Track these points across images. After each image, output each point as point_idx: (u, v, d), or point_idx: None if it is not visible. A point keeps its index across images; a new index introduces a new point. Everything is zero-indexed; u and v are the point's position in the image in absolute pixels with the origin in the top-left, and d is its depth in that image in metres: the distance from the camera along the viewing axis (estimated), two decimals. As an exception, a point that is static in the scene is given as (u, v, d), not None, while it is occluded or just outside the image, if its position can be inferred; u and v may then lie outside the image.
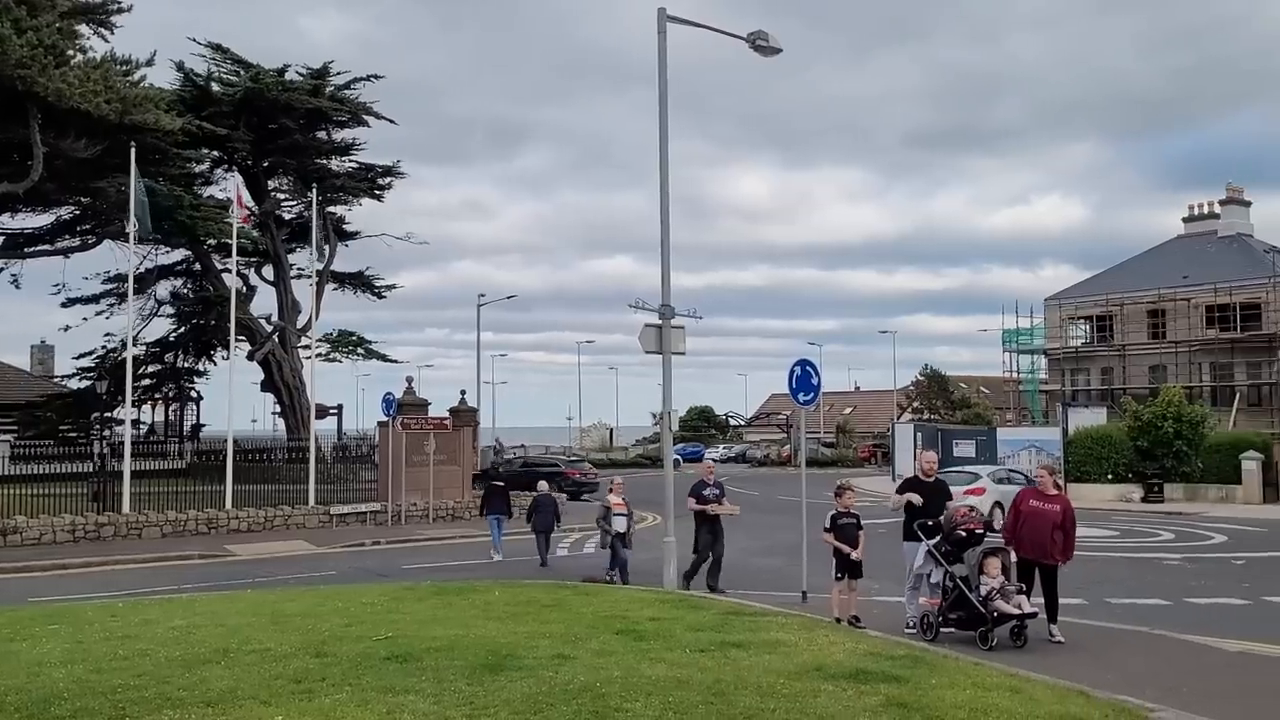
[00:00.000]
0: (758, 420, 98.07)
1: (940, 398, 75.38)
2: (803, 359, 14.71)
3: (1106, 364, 58.70)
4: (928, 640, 10.42)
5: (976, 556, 10.73)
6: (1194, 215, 61.92)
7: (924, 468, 11.93)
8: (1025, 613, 10.37)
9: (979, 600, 10.38)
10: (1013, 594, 10.46)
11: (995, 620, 10.30)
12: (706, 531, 15.32)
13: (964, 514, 11.08)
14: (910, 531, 11.46)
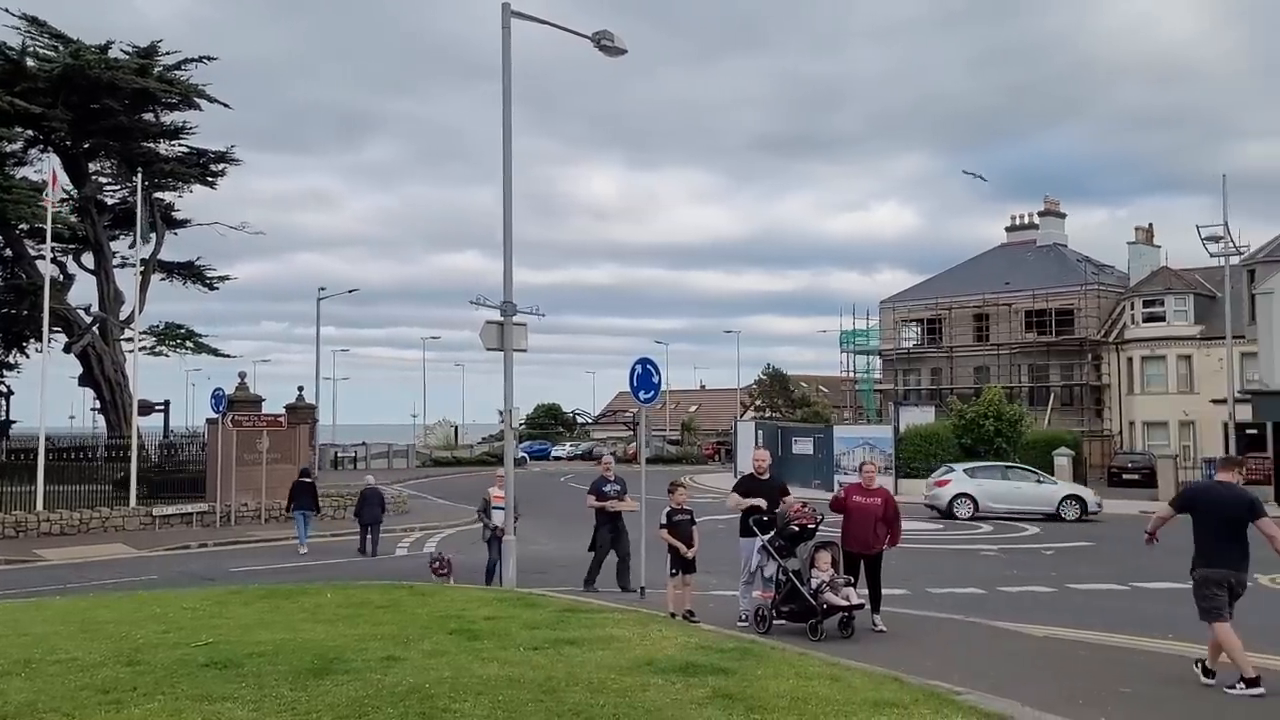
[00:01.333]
0: (604, 418, 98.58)
1: (782, 396, 77.50)
2: (644, 357, 14.86)
3: (936, 365, 61.57)
4: (761, 632, 10.68)
5: (808, 550, 11.03)
6: (1016, 225, 65.66)
7: (756, 466, 12.18)
8: (852, 604, 10.72)
9: (809, 593, 10.68)
10: (841, 586, 10.80)
11: (824, 612, 10.62)
12: (607, 530, 15.03)
13: (797, 509, 11.38)
14: (747, 528, 11.71)
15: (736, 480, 12.55)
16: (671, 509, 12.19)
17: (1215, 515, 8.52)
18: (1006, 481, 30.38)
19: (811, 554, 11.00)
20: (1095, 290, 56.39)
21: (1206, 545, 8.58)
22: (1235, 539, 8.46)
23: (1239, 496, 8.64)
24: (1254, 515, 8.44)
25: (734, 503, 11.92)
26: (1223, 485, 8.86)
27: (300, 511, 22.98)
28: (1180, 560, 18.43)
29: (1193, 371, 50.70)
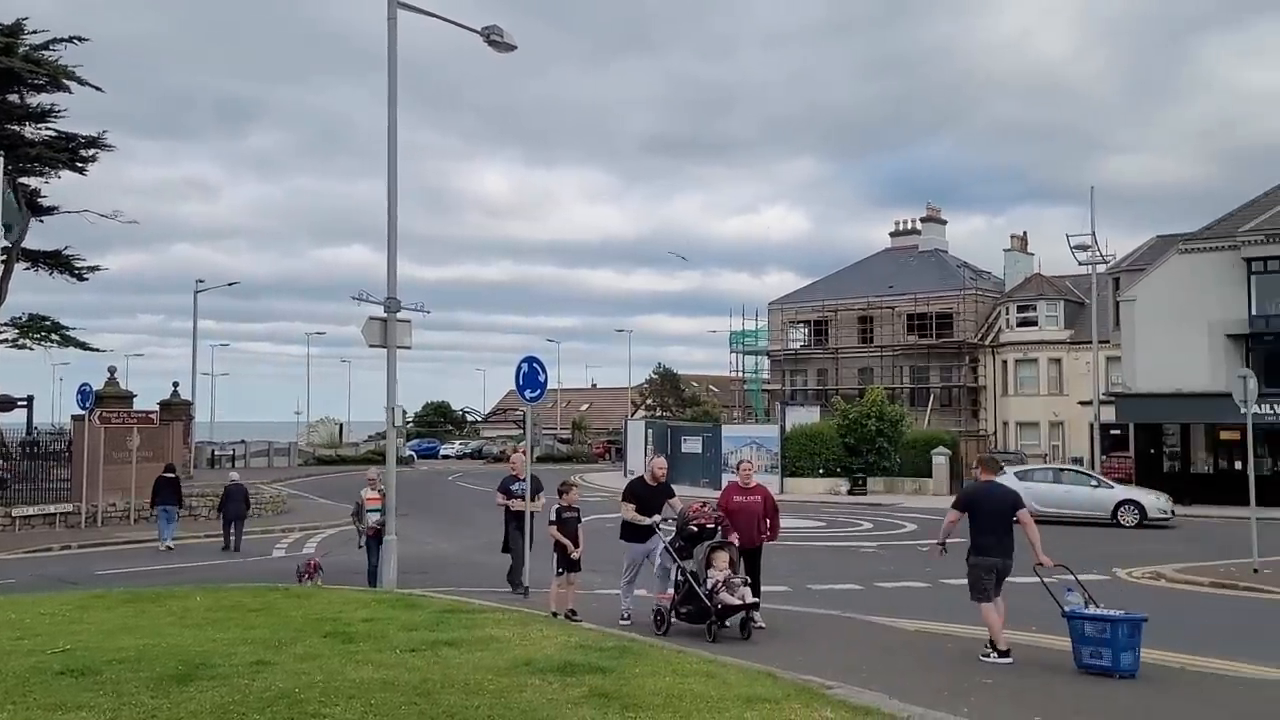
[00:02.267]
0: (495, 416, 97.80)
1: (672, 396, 78.09)
2: (530, 356, 14.79)
3: (822, 366, 62.87)
4: (659, 633, 10.58)
5: (704, 550, 10.96)
6: (899, 230, 67.53)
7: (654, 472, 12.10)
8: (748, 603, 10.64)
9: (705, 594, 10.59)
10: (738, 586, 10.70)
11: (719, 613, 10.49)
12: (515, 529, 14.68)
13: (696, 510, 11.34)
14: (629, 530, 11.70)
15: (628, 483, 12.46)
16: (560, 506, 12.13)
17: (988, 511, 9.90)
18: (1058, 485, 28.42)
19: (707, 553, 10.90)
20: (973, 295, 58.41)
21: (980, 538, 9.93)
22: (1004, 531, 9.91)
23: (1006, 494, 10.15)
24: (1016, 509, 9.99)
25: (630, 515, 11.67)
26: (993, 485, 10.20)
27: (163, 507, 22.84)
28: (1050, 555, 19.14)
29: (1062, 374, 52.93)
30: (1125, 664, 8.94)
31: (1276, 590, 15.20)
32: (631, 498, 11.82)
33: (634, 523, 11.62)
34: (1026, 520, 9.97)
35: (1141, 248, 45.34)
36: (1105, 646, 8.99)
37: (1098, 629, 9.10)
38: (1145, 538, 24.83)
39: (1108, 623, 9.05)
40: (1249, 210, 36.07)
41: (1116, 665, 8.92)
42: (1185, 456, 37.23)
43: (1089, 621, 9.19)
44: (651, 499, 11.85)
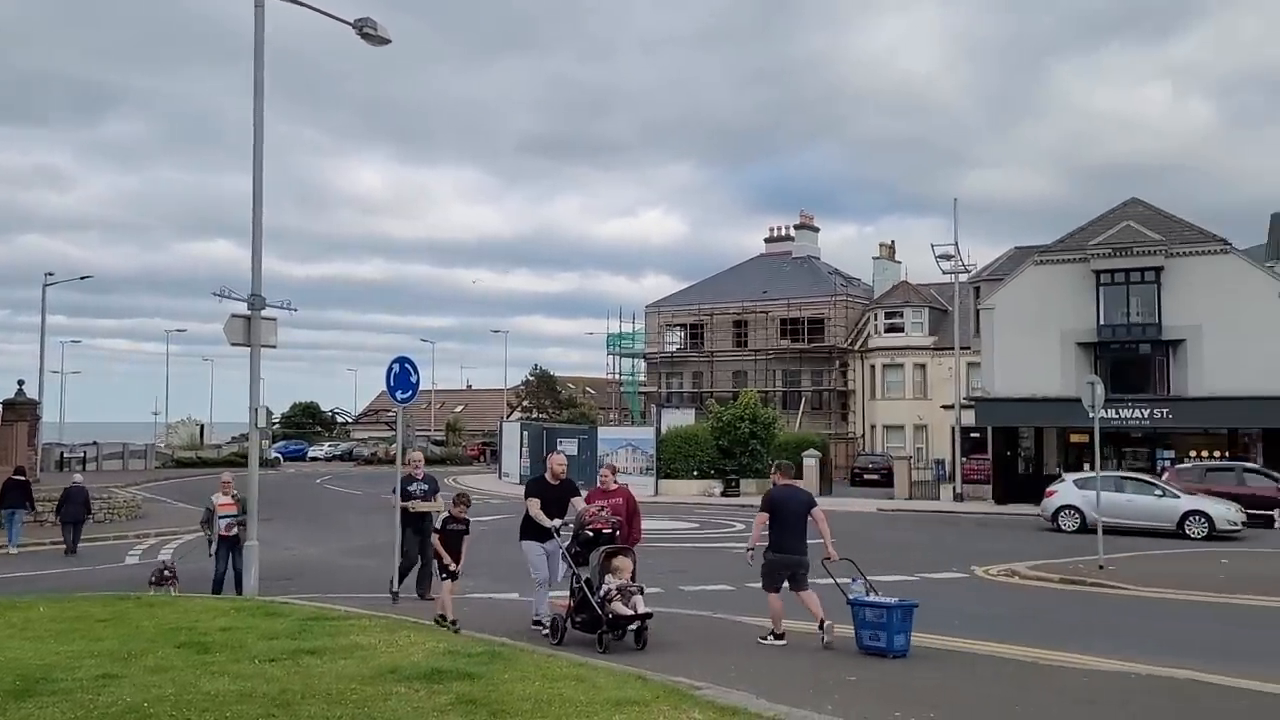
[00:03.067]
0: (366, 417, 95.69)
1: (549, 397, 77.80)
2: (402, 356, 14.49)
3: (698, 369, 63.63)
4: (554, 643, 10.23)
5: (599, 556, 10.61)
6: (773, 237, 68.93)
7: (554, 470, 11.75)
8: (641, 613, 10.22)
9: (597, 602, 10.23)
10: (633, 594, 10.34)
11: (611, 622, 10.10)
12: (413, 532, 14.13)
13: (593, 514, 10.95)
14: (529, 529, 11.36)
15: (528, 483, 12.08)
16: (447, 517, 11.72)
17: (788, 512, 10.76)
18: (1120, 494, 26.15)
19: (602, 560, 10.55)
20: (844, 301, 60.05)
21: (779, 536, 10.82)
22: (800, 531, 10.79)
23: (803, 496, 11.06)
24: (810, 508, 10.88)
25: (534, 512, 11.28)
26: (791, 488, 11.09)
27: (10, 510, 22.30)
28: (908, 554, 19.71)
29: (927, 379, 54.86)
30: (898, 645, 9.87)
31: (1118, 585, 16.03)
32: (535, 495, 11.44)
33: (538, 522, 11.20)
34: (820, 518, 10.93)
35: (1001, 258, 47.34)
36: (882, 630, 9.93)
37: (876, 614, 10.02)
38: (999, 536, 25.90)
39: (885, 609, 9.99)
40: (1098, 225, 38.05)
41: (890, 646, 9.83)
42: (1039, 458, 39.04)
43: (869, 608, 10.13)
44: (555, 498, 11.44)
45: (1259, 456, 34.16)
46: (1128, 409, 34.58)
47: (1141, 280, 36.11)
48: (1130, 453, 37.19)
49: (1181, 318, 35.21)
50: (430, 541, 13.89)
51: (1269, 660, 10.16)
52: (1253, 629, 12.69)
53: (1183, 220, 37.50)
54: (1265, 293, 34.73)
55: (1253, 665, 9.66)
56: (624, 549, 10.83)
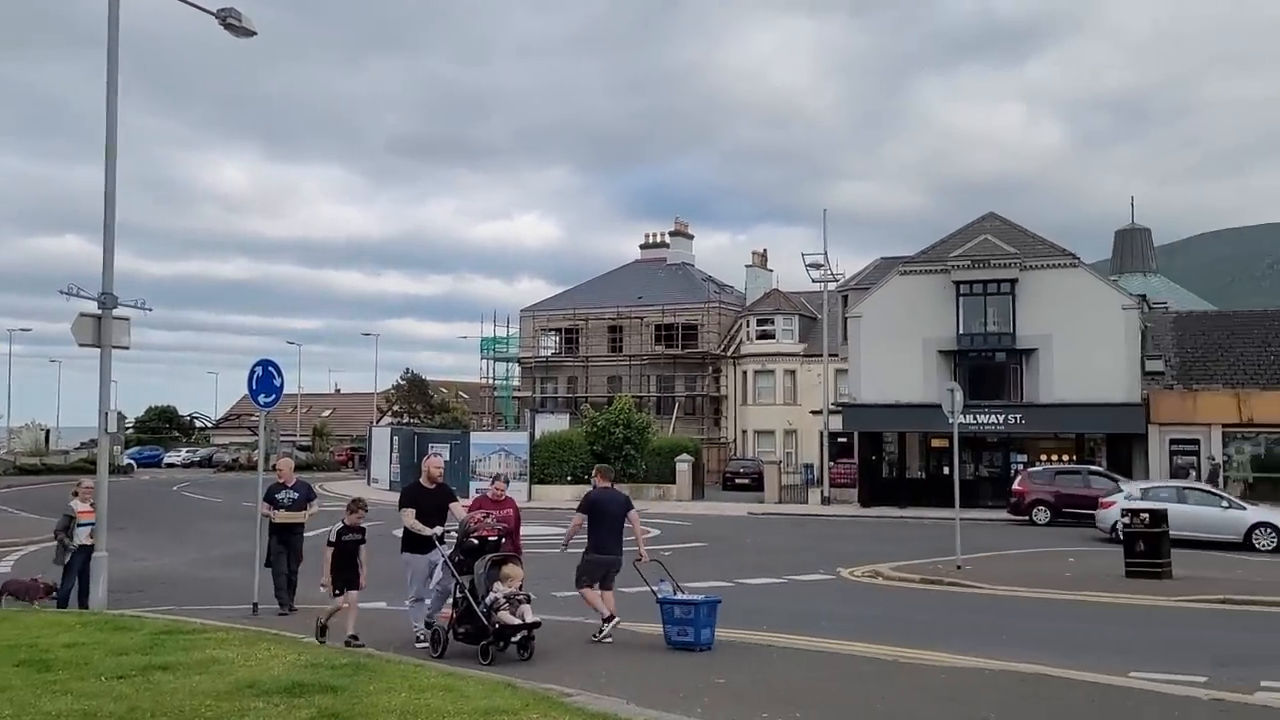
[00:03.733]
0: (227, 422, 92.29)
1: (420, 402, 76.54)
2: (264, 359, 14.02)
3: (573, 373, 63.54)
4: (435, 656, 9.89)
5: (485, 565, 10.26)
6: (649, 243, 69.40)
7: (430, 473, 11.36)
8: (529, 622, 9.94)
9: (483, 612, 9.87)
10: (520, 603, 10.09)
11: (497, 633, 9.77)
12: (278, 543, 13.39)
13: (478, 520, 10.63)
14: (410, 541, 10.92)
15: (404, 488, 11.66)
16: (343, 527, 10.96)
17: (607, 514, 11.13)
18: (1184, 505, 24.81)
19: (488, 568, 10.20)
20: (717, 308, 60.89)
21: (598, 537, 11.24)
22: (618, 533, 11.21)
23: (619, 498, 11.49)
24: (627, 511, 11.33)
25: (409, 522, 10.86)
26: (610, 491, 11.52)
27: None
28: (777, 557, 20.03)
29: (796, 385, 56.08)
30: (704, 639, 10.34)
31: (974, 584, 16.66)
32: (410, 503, 10.96)
33: (416, 532, 10.73)
34: (634, 520, 11.52)
35: (868, 268, 48.80)
36: (690, 625, 10.33)
37: (684, 611, 10.45)
38: (862, 537, 26.60)
39: (692, 605, 10.42)
40: (958, 238, 39.61)
41: (698, 640, 10.28)
42: (902, 462, 40.37)
43: (677, 606, 10.52)
44: (433, 506, 11.01)
45: (1103, 459, 36.11)
46: (985, 414, 36.06)
47: (998, 291, 37.73)
48: (986, 456, 38.85)
49: (1034, 328, 36.93)
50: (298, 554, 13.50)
51: (1108, 653, 10.70)
52: (1095, 624, 13.36)
53: (1036, 235, 39.38)
54: (1110, 305, 36.73)
55: (1093, 658, 10.17)
56: (513, 556, 10.53)
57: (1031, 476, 32.47)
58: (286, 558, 13.46)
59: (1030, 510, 30.90)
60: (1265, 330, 38.93)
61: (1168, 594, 15.35)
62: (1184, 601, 14.74)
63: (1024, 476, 32.77)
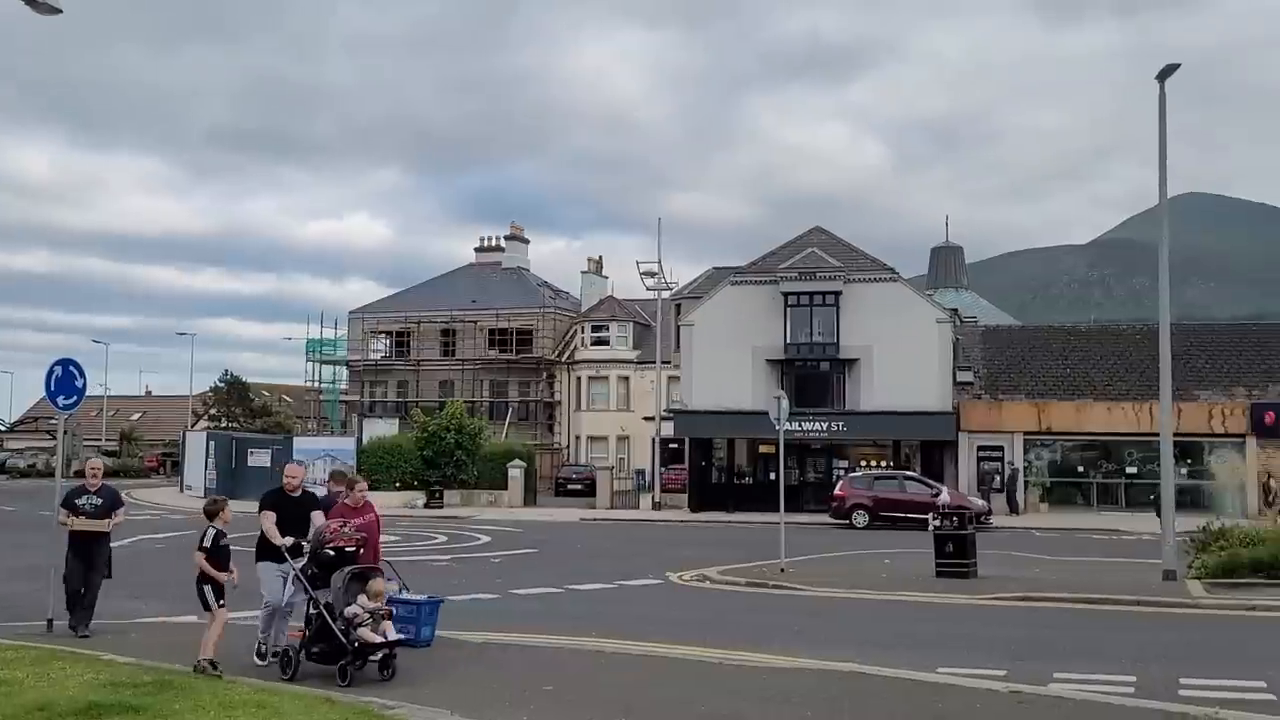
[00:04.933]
0: (23, 425, 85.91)
1: (240, 405, 73.17)
2: (64, 358, 13.05)
3: (403, 377, 62.22)
4: (286, 678, 9.18)
5: (343, 579, 9.57)
6: (484, 246, 68.71)
7: (289, 481, 10.57)
8: (392, 640, 9.42)
9: (341, 630, 9.22)
10: (382, 619, 9.47)
11: (357, 651, 9.17)
12: (74, 555, 12.08)
13: (335, 530, 9.93)
14: (265, 549, 10.16)
15: (263, 496, 10.69)
16: (216, 532, 9.96)
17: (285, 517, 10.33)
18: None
19: (346, 582, 9.54)
20: (552, 313, 60.86)
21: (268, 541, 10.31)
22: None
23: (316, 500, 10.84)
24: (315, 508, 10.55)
25: (266, 527, 10.08)
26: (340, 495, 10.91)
27: None
28: (608, 562, 20.09)
29: (630, 391, 56.62)
30: (425, 635, 10.50)
31: (796, 586, 17.16)
32: (271, 508, 10.22)
33: (270, 540, 9.97)
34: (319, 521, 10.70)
35: (700, 277, 49.78)
36: (412, 623, 10.30)
37: (408, 610, 10.41)
38: (691, 542, 27.03)
39: (415, 605, 10.51)
40: (786, 250, 40.91)
41: (419, 637, 10.37)
42: (731, 468, 41.32)
43: (401, 604, 10.41)
44: (296, 514, 10.27)
45: (918, 465, 37.95)
46: (810, 422, 37.32)
47: (823, 303, 39.15)
48: (811, 462, 40.24)
49: (856, 338, 38.51)
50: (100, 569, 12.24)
51: (918, 650, 11.21)
52: (907, 623, 13.98)
53: (859, 249, 41.10)
54: (925, 318, 38.68)
55: (905, 655, 10.62)
56: (375, 569, 9.93)
57: (852, 482, 33.81)
58: (85, 571, 12.18)
59: (850, 514, 32.14)
60: (1063, 345, 41.80)
61: (973, 593, 16.21)
62: (987, 600, 15.60)
63: (845, 482, 34.08)
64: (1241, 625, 13.36)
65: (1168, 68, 18.47)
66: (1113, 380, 39.06)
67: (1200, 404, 37.01)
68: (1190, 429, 35.06)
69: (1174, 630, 13.05)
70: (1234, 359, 39.41)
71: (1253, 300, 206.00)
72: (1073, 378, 39.75)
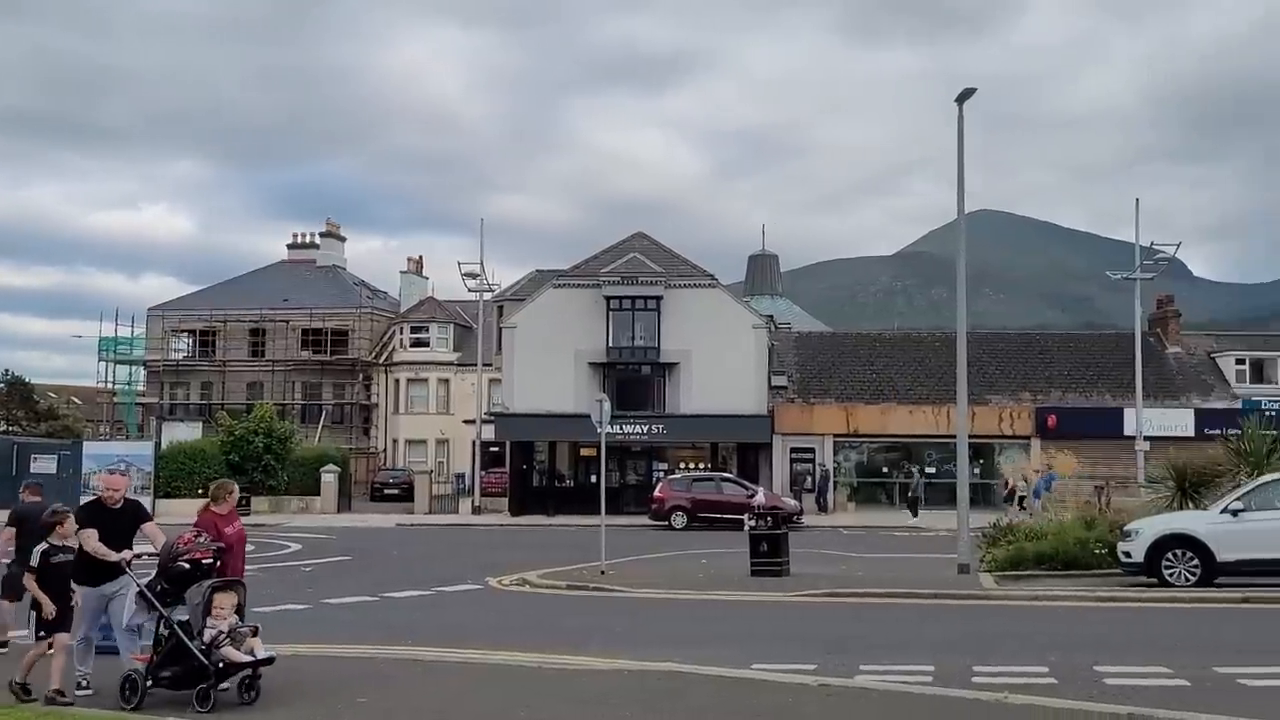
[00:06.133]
0: None
1: (22, 408, 67.66)
2: None
3: (208, 379, 59.26)
4: (130, 708, 8.33)
5: (203, 594, 8.66)
6: (297, 243, 66.23)
7: (107, 493, 9.41)
8: (259, 659, 8.65)
9: (201, 650, 8.43)
10: (245, 637, 8.71)
11: (220, 673, 8.42)
12: None
13: (188, 541, 9.00)
14: (86, 571, 8.99)
15: (82, 507, 9.66)
16: (47, 548, 8.95)
17: (30, 527, 10.40)
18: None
19: (207, 598, 8.66)
20: (370, 314, 59.25)
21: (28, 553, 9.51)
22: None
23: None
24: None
25: (92, 546, 8.92)
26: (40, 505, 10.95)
27: None
28: (425, 568, 19.71)
29: (450, 394, 55.75)
30: None
31: (616, 588, 17.28)
32: (91, 523, 9.06)
33: (100, 557, 8.85)
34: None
35: (523, 280, 49.51)
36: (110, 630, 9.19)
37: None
38: (511, 546, 26.83)
39: None
40: (609, 254, 41.26)
41: None
42: (552, 471, 41.29)
43: None
44: (120, 527, 9.16)
45: (734, 467, 38.97)
46: (630, 425, 37.74)
47: (645, 308, 39.69)
48: (632, 464, 40.68)
49: (677, 343, 39.22)
50: None
51: (734, 647, 11.46)
52: (723, 621, 14.30)
53: (679, 255, 41.89)
54: (742, 324, 39.82)
55: (721, 652, 10.84)
56: (236, 582, 9.13)
57: (671, 484, 34.39)
58: None
59: (669, 516, 32.67)
60: (870, 351, 43.86)
61: (786, 590, 16.73)
62: (799, 597, 16.14)
63: (664, 484, 34.63)
64: (1028, 614, 14.29)
65: (965, 91, 19.65)
66: (914, 385, 41.23)
67: (992, 408, 39.58)
68: (983, 431, 37.43)
69: (968, 621, 13.83)
70: (1021, 366, 42.35)
71: (1039, 312, 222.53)
72: (878, 382, 41.74)
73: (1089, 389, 41.21)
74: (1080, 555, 17.78)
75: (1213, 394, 40.71)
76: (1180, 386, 41.20)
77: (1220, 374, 42.10)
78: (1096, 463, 33.60)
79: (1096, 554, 17.58)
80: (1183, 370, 42.33)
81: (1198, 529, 15.93)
